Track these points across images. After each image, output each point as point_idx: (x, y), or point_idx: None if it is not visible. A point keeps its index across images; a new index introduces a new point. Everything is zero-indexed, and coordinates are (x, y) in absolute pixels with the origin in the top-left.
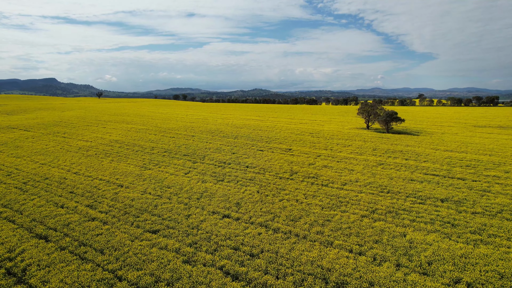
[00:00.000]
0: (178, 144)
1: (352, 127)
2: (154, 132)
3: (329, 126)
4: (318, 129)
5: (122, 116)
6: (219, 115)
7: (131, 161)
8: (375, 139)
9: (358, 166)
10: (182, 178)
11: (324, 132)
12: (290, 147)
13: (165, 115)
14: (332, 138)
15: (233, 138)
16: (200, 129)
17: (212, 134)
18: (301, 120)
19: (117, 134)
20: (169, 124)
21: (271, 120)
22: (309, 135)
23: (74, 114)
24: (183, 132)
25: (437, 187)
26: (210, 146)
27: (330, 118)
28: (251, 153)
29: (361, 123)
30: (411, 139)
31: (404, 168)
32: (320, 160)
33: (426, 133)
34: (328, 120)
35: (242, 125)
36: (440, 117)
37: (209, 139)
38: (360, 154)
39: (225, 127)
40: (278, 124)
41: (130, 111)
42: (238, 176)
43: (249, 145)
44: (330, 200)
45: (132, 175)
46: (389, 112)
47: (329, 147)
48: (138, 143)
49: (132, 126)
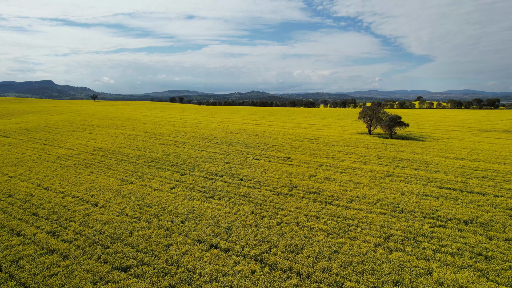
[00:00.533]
0: (167, 152)
1: (353, 131)
2: (143, 138)
3: (329, 131)
4: (318, 134)
5: (112, 121)
6: (214, 118)
7: (113, 173)
8: (379, 146)
9: (364, 178)
10: (167, 195)
11: (324, 138)
12: (288, 155)
13: (158, 119)
14: (333, 145)
15: (227, 145)
16: (193, 135)
17: (205, 140)
18: (299, 124)
19: (103, 140)
20: (161, 129)
21: (268, 124)
22: (309, 141)
23: (62, 118)
24: (174, 138)
25: (455, 204)
26: (202, 154)
27: (330, 122)
28: (246, 163)
29: (362, 127)
30: (416, 145)
31: (415, 181)
32: (322, 170)
33: (431, 138)
34: (328, 124)
35: (237, 130)
36: (442, 121)
37: (202, 146)
38: (365, 163)
39: (219, 133)
40: (276, 129)
41: (122, 115)
42: (231, 191)
43: (244, 153)
44: (337, 223)
45: (111, 191)
46: (393, 117)
47: (331, 155)
48: (124, 151)
49: (121, 132)
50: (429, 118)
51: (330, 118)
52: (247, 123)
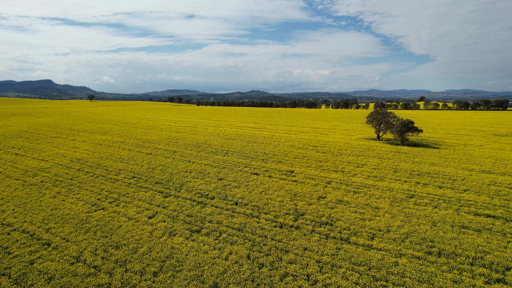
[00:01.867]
0: (153, 164)
1: (360, 137)
2: (130, 146)
3: (334, 136)
4: (323, 141)
5: (101, 124)
6: (211, 121)
7: (84, 193)
8: (391, 155)
9: (384, 201)
10: (142, 228)
11: (330, 145)
12: (292, 168)
13: (150, 122)
14: (340, 154)
15: (223, 154)
16: (185, 142)
17: (198, 149)
18: (301, 128)
19: (85, 149)
20: (151, 135)
21: (269, 128)
22: (313, 149)
23: (49, 121)
24: (164, 146)
25: (506, 241)
26: (193, 167)
27: (334, 125)
28: (243, 179)
29: (369, 132)
30: (432, 154)
31: (443, 204)
32: (332, 190)
33: (446, 145)
34: (332, 128)
35: (235, 135)
36: (452, 124)
37: (193, 157)
38: (380, 179)
39: (215, 139)
40: (277, 133)
41: (114, 117)
42: (222, 222)
43: (241, 166)
44: (359, 276)
45: (73, 222)
46: (404, 122)
47: (340, 167)
48: (104, 164)
49: (107, 138)
50: (437, 121)
51: (333, 121)
52: (246, 126)
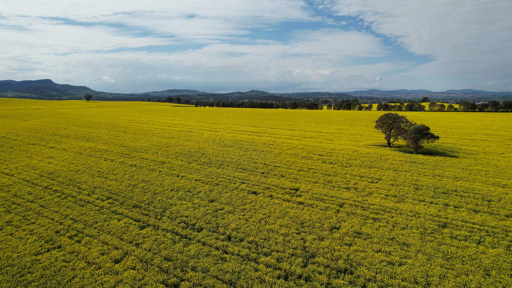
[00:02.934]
0: (135, 180)
1: (368, 143)
2: (113, 155)
3: (341, 142)
4: (329, 148)
5: (89, 128)
6: (208, 124)
7: (42, 222)
8: (407, 166)
9: (412, 233)
10: (103, 280)
11: (337, 153)
12: (296, 185)
13: (143, 126)
14: (350, 165)
15: (217, 166)
16: (177, 150)
17: (190, 158)
18: (304, 133)
19: (61, 159)
20: (140, 141)
21: (269, 132)
22: (319, 158)
23: (33, 125)
24: (152, 155)
25: None
26: (181, 184)
27: (338, 129)
28: (239, 201)
29: (378, 137)
30: (452, 164)
31: (488, 237)
32: (346, 215)
33: (464, 152)
34: (337, 132)
35: (232, 141)
36: (463, 127)
37: (183, 169)
38: (401, 199)
39: (210, 146)
40: (278, 139)
41: (105, 120)
42: (210, 269)
43: (237, 182)
44: None
45: (12, 271)
46: (419, 127)
47: (351, 182)
48: (78, 179)
49: (90, 146)
50: (447, 123)
51: (337, 124)
52: (245, 131)
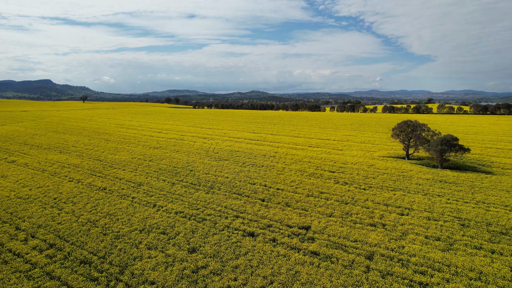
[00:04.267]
0: (96, 214)
1: (383, 154)
2: (83, 173)
3: (352, 153)
4: (339, 161)
5: (69, 135)
6: (203, 129)
7: None
8: (439, 188)
9: None
10: None
11: (350, 169)
12: (306, 221)
13: (130, 132)
14: (370, 186)
15: (206, 190)
16: (161, 165)
17: (174, 178)
18: (309, 140)
19: (14, 180)
20: (121, 153)
21: (270, 140)
22: (330, 176)
23: (6, 131)
24: (130, 173)
25: None
26: (156, 220)
27: (346, 135)
28: (230, 252)
29: (392, 145)
30: (492, 184)
31: None
32: (381, 279)
33: (497, 166)
34: (345, 140)
35: (228, 153)
36: (481, 132)
37: (163, 196)
38: (450, 245)
39: (201, 160)
40: (280, 149)
41: (91, 125)
42: None
43: (230, 215)
44: None
45: None
46: (446, 138)
47: (377, 215)
48: (21, 212)
49: (60, 159)
50: (462, 129)
51: (344, 129)
52: (243, 138)
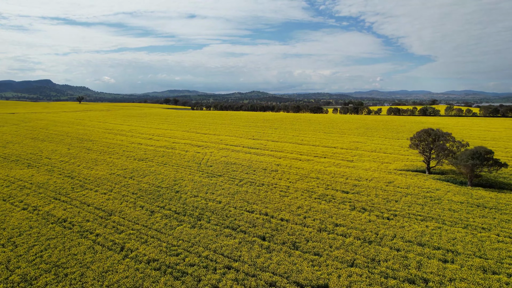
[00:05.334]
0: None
1: (400, 166)
2: (44, 196)
3: (364, 165)
4: (352, 176)
5: (47, 143)
6: (198, 136)
7: None
8: (479, 216)
9: None
10: None
11: (366, 187)
12: (321, 276)
13: (117, 139)
14: (394, 214)
15: (192, 222)
16: (144, 183)
17: (155, 203)
18: (314, 149)
19: None
20: (100, 167)
21: (271, 147)
22: (344, 199)
23: None
24: (102, 196)
25: None
26: (117, 276)
27: (354, 141)
28: None
29: (406, 154)
30: None
31: None
32: None
33: None
34: (354, 147)
35: (223, 166)
36: (498, 138)
37: (135, 233)
38: None
39: (191, 176)
40: (283, 160)
41: (76, 130)
42: None
43: (219, 266)
44: None
45: None
46: (478, 151)
47: (413, 264)
48: None
49: (23, 176)
50: (477, 133)
51: (350, 134)
52: (241, 146)
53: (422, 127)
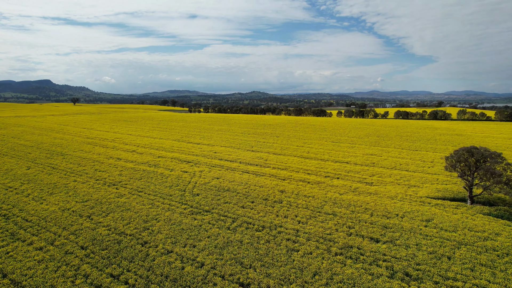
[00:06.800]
0: None
1: (432, 191)
2: None
3: (387, 190)
4: (378, 210)
5: (7, 159)
6: (190, 145)
7: None
8: None
9: None
10: None
11: (400, 229)
12: None
13: (95, 151)
14: (455, 285)
15: None
16: (101, 228)
17: (108, 269)
18: (323, 164)
19: None
20: (54, 197)
21: (273, 163)
22: (376, 255)
23: None
24: (30, 261)
25: None
26: None
27: (368, 155)
28: None
29: (433, 173)
30: None
31: None
32: None
33: None
34: (370, 163)
35: (213, 193)
36: None
37: None
38: None
39: (169, 214)
40: (288, 183)
41: (52, 140)
42: None
43: None
44: None
45: None
46: None
47: None
48: None
49: None
50: (502, 142)
51: (362, 144)
52: (238, 161)
53: (438, 133)
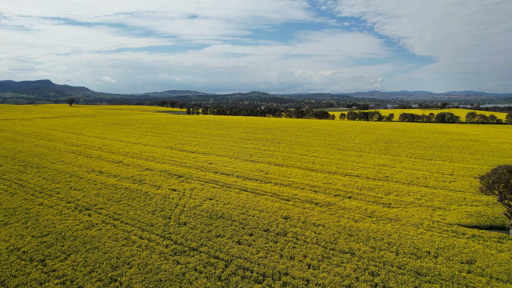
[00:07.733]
0: None
1: (462, 217)
2: None
3: (410, 215)
4: (402, 244)
5: None
6: (184, 154)
7: None
8: None
9: None
10: None
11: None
12: None
13: (77, 163)
14: None
15: None
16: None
17: None
18: (331, 179)
19: None
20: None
21: (275, 176)
22: None
23: None
24: None
25: None
26: None
27: (380, 166)
28: None
29: (459, 190)
30: None
31: None
32: None
33: None
34: (383, 177)
35: (205, 221)
36: None
37: None
38: None
39: (146, 255)
40: (292, 206)
41: (32, 149)
42: None
43: None
44: None
45: None
46: None
47: None
48: None
49: None
50: None
51: (370, 151)
52: (235, 175)
53: (450, 139)
